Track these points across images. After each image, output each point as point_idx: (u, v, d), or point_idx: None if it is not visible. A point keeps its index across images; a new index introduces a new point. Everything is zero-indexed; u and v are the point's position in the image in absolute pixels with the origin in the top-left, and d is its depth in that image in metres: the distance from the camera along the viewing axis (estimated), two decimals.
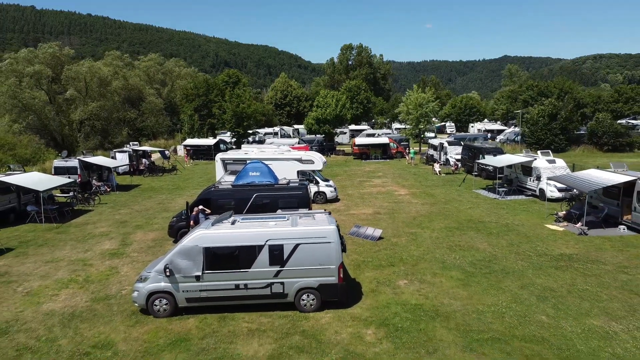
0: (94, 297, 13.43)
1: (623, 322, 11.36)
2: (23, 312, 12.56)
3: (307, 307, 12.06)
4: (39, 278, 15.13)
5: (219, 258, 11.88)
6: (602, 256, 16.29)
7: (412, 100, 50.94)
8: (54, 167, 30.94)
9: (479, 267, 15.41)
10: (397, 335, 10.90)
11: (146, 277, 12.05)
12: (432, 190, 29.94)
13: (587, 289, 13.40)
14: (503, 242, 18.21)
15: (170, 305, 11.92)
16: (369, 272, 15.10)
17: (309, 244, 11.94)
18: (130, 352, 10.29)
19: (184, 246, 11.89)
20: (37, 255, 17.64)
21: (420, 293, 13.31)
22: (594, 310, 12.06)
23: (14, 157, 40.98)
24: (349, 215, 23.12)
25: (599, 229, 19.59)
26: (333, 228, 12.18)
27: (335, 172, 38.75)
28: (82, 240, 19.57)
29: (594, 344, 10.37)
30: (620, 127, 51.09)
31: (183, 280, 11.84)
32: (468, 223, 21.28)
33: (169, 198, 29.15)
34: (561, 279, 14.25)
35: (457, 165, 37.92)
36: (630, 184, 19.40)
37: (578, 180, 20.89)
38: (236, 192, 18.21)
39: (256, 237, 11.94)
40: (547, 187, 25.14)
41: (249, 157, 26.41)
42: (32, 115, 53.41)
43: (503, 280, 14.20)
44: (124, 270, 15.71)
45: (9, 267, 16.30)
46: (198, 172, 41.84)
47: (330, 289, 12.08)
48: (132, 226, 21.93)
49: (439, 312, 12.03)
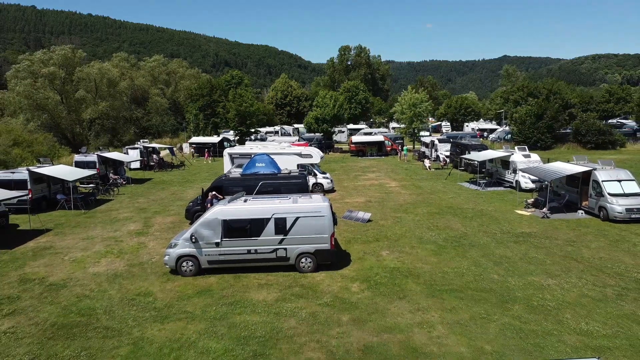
0: (130, 263, 16.31)
1: (557, 278, 14.23)
2: (74, 273, 15.43)
3: (305, 268, 14.93)
4: (80, 250, 18.00)
5: (234, 228, 14.75)
6: (556, 234, 19.17)
7: (406, 101, 53.84)
8: (75, 161, 33.79)
9: (450, 241, 18.29)
10: (376, 287, 13.77)
11: (176, 244, 14.91)
12: (421, 183, 32.80)
13: (535, 257, 16.28)
14: (475, 223, 21.08)
15: (195, 266, 14.79)
16: (358, 245, 17.97)
17: (307, 217, 14.80)
18: (166, 298, 13.16)
19: (206, 219, 14.77)
20: (73, 234, 20.51)
21: (398, 260, 16.18)
22: (536, 271, 14.93)
23: (32, 154, 43.84)
24: (343, 203, 25.96)
25: (561, 214, 22.46)
26: (326, 204, 15.07)
27: (333, 167, 41.59)
28: (109, 223, 22.44)
29: (530, 292, 13.24)
30: (602, 126, 54.00)
31: (205, 246, 14.70)
32: (448, 209, 24.15)
33: (180, 189, 32.00)
34: (517, 250, 17.13)
35: (445, 161, 40.78)
36: (588, 174, 22.29)
37: (544, 171, 23.78)
38: (244, 180, 21.05)
39: (264, 212, 14.80)
40: (522, 179, 28.01)
41: (253, 152, 29.26)
42: (46, 115, 56.24)
43: (468, 251, 17.07)
44: (150, 245, 18.59)
45: (52, 242, 19.17)
46: (204, 167, 44.72)
47: (324, 254, 14.96)
48: (151, 212, 24.79)
49: (412, 273, 14.90)
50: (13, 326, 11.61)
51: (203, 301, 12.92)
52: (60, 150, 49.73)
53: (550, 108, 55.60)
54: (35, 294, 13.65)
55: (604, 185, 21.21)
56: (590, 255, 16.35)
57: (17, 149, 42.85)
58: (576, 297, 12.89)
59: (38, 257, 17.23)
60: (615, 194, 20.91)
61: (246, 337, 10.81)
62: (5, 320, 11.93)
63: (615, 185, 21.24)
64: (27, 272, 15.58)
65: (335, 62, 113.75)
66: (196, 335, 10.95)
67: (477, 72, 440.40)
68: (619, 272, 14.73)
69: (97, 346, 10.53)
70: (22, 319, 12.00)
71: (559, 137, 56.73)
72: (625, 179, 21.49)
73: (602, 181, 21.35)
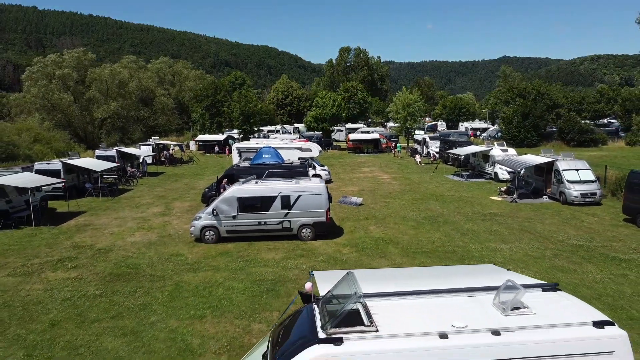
0: (160, 235, 19.65)
1: (509, 244, 17.57)
2: (115, 242, 18.77)
3: (305, 237, 18.27)
4: (116, 226, 21.35)
5: (248, 204, 18.08)
6: (519, 213, 22.53)
7: (401, 101, 57.18)
8: (96, 156, 37.14)
9: (428, 219, 21.64)
10: (363, 250, 17.11)
11: (200, 217, 18.26)
12: (410, 176, 36.15)
13: (497, 230, 19.63)
14: (452, 206, 24.43)
15: (215, 235, 18.11)
16: (350, 222, 21.30)
17: (307, 195, 18.14)
18: (195, 257, 16.50)
19: (224, 196, 18.12)
20: (106, 215, 23.86)
21: (383, 232, 19.52)
22: (495, 239, 18.28)
23: (52, 150, 47.20)
24: (339, 192, 29.25)
25: (528, 199, 25.80)
26: (323, 185, 18.44)
27: (331, 162, 44.91)
28: (135, 207, 25.79)
29: (485, 253, 16.59)
30: (585, 125, 57.39)
31: (224, 218, 18.03)
32: (431, 196, 27.50)
33: (192, 181, 35.35)
34: (482, 225, 20.48)
35: (435, 157, 44.14)
36: (551, 164, 25.64)
37: (514, 162, 27.14)
38: (253, 169, 24.39)
39: (272, 190, 18.15)
40: (500, 171, 31.35)
41: (259, 146, 32.62)
42: (60, 114, 59.59)
43: (442, 226, 20.41)
44: (174, 222, 21.93)
45: (90, 221, 22.52)
46: (211, 162, 48.08)
47: (321, 225, 18.30)
48: (170, 199, 28.13)
49: (392, 241, 18.25)
50: (79, 275, 14.95)
51: (224, 259, 16.26)
52: (75, 147, 53.00)
53: (537, 108, 58.95)
54: (88, 256, 16.99)
55: (564, 174, 24.55)
56: (542, 229, 19.70)
57: (38, 145, 46.20)
58: (520, 256, 16.23)
59: (82, 231, 20.58)
60: (572, 181, 24.26)
61: (260, 280, 14.15)
62: (72, 272, 15.27)
63: (574, 173, 24.58)
64: (76, 241, 18.93)
65: (335, 64, 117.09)
66: (222, 279, 14.29)
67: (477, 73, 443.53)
68: (561, 239, 18.08)
69: (148, 286, 13.87)
70: (84, 271, 15.34)
71: (545, 136, 60.05)
72: (582, 168, 24.82)
73: (562, 170, 24.69)
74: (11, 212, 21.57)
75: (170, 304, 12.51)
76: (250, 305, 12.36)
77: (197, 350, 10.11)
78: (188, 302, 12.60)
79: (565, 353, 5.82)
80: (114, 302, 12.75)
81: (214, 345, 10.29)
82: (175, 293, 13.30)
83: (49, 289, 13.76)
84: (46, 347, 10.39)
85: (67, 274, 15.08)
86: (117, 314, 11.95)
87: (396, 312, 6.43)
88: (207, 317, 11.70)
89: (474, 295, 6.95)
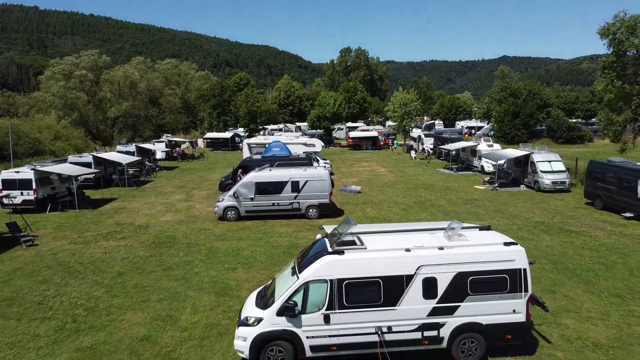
0: (188, 215, 23.03)
1: (483, 221, 20.77)
2: (151, 220, 22.13)
3: (312, 216, 21.64)
4: (147, 209, 24.72)
5: (263, 188, 21.43)
6: (497, 199, 25.90)
7: (398, 100, 60.51)
8: (117, 150, 40.47)
9: (417, 203, 25.01)
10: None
11: (222, 199, 21.63)
12: (405, 169, 39.51)
13: (475, 211, 23.00)
14: (439, 193, 27.80)
15: (236, 214, 21.48)
16: (349, 206, 24.67)
17: (313, 181, 21.50)
18: (221, 231, 19.87)
19: (244, 181, 21.49)
20: (135, 201, 27.22)
21: (377, 213, 22.88)
22: (472, 218, 21.60)
23: (71, 146, 50.56)
24: (340, 182, 32.60)
25: (508, 188, 29.14)
26: (326, 172, 21.85)
27: (332, 158, 48.17)
28: (159, 195, 29.15)
29: None
30: (571, 123, 60.75)
31: (243, 200, 21.38)
32: (422, 186, 30.85)
33: (205, 174, 38.71)
34: (464, 207, 23.83)
35: (429, 152, 47.49)
36: (528, 156, 28.98)
37: (496, 155, 30.50)
38: (264, 161, 27.73)
39: (283, 176, 21.52)
40: (485, 164, 34.70)
41: (268, 142, 35.98)
42: (76, 113, 63.00)
43: (429, 208, 23.77)
44: (197, 206, 25.30)
45: (124, 205, 25.89)
46: (220, 158, 51.44)
47: (325, 206, 21.69)
48: (189, 188, 31.50)
49: (385, 219, 21.60)
50: (128, 243, 18.32)
51: (246, 232, 19.64)
52: (91, 144, 56.38)
53: (527, 107, 62.30)
54: (131, 230, 20.37)
55: (538, 165, 27.91)
56: (513, 210, 23.07)
57: (59, 142, 49.58)
58: None
59: (119, 213, 23.96)
60: (545, 171, 27.62)
61: (277, 246, 17.52)
62: (121, 241, 18.64)
63: (546, 164, 27.93)
64: (117, 220, 22.32)
65: (336, 64, 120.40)
66: (246, 245, 17.67)
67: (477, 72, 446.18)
68: (528, 217, 21.45)
69: (187, 250, 17.24)
70: (131, 240, 18.71)
71: (535, 133, 63.44)
72: (554, 160, 28.17)
73: (536, 161, 28.04)
74: (57, 197, 24.95)
75: (208, 261, 15.89)
76: (271, 261, 15.75)
77: (235, 288, 13.50)
78: (222, 260, 15.98)
79: (484, 260, 9.27)
80: (163, 260, 16.13)
81: (247, 285, 13.66)
82: (210, 254, 16.68)
83: (107, 252, 17.14)
84: (120, 287, 13.76)
85: (118, 242, 18.46)
86: (168, 267, 15.33)
87: (379, 241, 9.92)
88: (238, 269, 15.09)
89: (433, 232, 10.41)
